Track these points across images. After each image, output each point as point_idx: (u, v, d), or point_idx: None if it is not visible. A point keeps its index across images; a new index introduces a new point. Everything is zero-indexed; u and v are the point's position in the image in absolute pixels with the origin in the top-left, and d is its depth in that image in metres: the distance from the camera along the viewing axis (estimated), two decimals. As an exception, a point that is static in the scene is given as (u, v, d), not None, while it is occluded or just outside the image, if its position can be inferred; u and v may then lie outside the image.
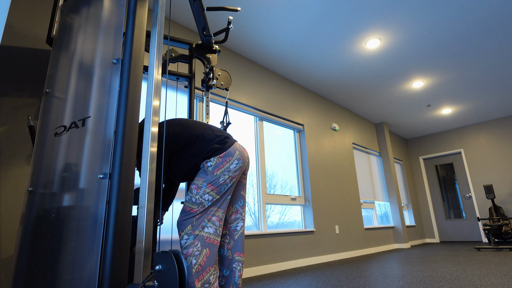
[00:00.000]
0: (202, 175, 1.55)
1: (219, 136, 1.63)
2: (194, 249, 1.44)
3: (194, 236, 1.46)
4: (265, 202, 3.62)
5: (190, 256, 1.42)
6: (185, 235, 1.47)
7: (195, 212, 1.50)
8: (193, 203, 1.50)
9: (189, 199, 1.52)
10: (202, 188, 1.52)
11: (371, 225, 5.63)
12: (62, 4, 1.76)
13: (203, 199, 1.51)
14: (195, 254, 1.43)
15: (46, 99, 1.54)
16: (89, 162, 1.22)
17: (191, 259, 1.42)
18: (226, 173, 1.56)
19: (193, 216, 1.50)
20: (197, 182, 1.54)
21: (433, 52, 3.99)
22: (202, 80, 2.37)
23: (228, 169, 1.57)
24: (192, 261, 1.41)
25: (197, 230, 1.47)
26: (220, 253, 1.64)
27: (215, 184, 1.54)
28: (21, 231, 1.33)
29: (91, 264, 1.06)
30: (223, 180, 1.55)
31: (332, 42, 3.66)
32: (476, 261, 3.40)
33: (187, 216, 1.50)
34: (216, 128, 1.69)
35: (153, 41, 1.32)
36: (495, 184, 6.40)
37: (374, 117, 6.26)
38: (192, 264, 1.41)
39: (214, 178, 1.54)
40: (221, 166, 1.56)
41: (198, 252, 1.43)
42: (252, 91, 3.84)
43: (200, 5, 1.96)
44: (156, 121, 1.25)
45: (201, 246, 1.45)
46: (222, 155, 1.56)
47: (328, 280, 2.56)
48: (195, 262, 1.42)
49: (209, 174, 1.54)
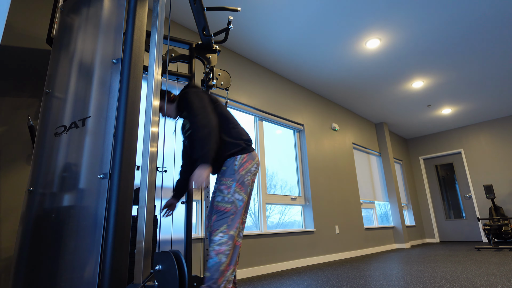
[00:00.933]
0: (229, 175, 1.66)
1: (248, 136, 1.80)
2: (227, 248, 1.52)
3: (228, 236, 1.55)
4: (265, 202, 3.62)
5: (222, 254, 1.51)
6: (220, 233, 1.56)
7: (229, 211, 1.60)
8: (226, 202, 1.61)
9: (222, 199, 1.62)
10: (232, 187, 1.63)
11: (371, 225, 5.63)
12: (62, 4, 1.76)
13: (235, 198, 1.62)
14: (226, 253, 1.52)
15: (46, 99, 1.54)
16: (89, 162, 1.22)
17: (222, 257, 1.50)
18: (249, 174, 1.70)
19: (228, 216, 1.59)
20: (226, 182, 1.65)
21: (433, 52, 3.99)
22: (202, 80, 2.37)
23: (249, 170, 1.71)
24: (222, 259, 1.50)
25: (231, 231, 1.57)
26: None
27: (242, 184, 1.65)
28: (21, 231, 1.33)
29: (91, 264, 1.06)
30: (247, 180, 1.68)
31: (332, 42, 3.66)
32: (476, 261, 3.40)
33: (223, 216, 1.59)
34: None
35: (153, 41, 1.32)
36: (495, 184, 6.40)
37: (374, 117, 6.26)
38: (222, 261, 1.50)
39: (240, 177, 1.66)
40: (244, 166, 1.69)
41: (229, 252, 1.52)
42: (252, 91, 3.84)
43: (200, 5, 1.96)
44: (156, 121, 1.25)
45: (231, 246, 1.55)
46: (246, 156, 1.71)
47: (328, 280, 2.56)
48: (225, 261, 1.50)
49: (235, 173, 1.65)
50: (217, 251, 1.51)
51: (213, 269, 1.49)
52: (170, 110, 1.85)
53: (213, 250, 1.52)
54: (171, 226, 2.49)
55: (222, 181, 1.66)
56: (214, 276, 1.49)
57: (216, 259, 1.50)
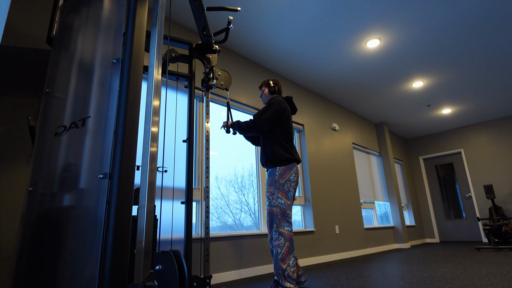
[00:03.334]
0: (272, 184, 2.19)
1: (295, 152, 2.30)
2: (279, 242, 2.05)
3: (278, 232, 2.07)
4: (265, 202, 3.62)
5: (277, 247, 2.05)
6: (273, 231, 2.10)
7: (276, 213, 2.11)
8: (273, 206, 2.14)
9: (269, 204, 2.17)
10: (275, 194, 2.16)
11: (371, 225, 5.63)
12: (62, 4, 1.76)
13: (278, 202, 2.13)
14: (280, 245, 2.04)
15: (46, 99, 1.54)
16: (89, 162, 1.22)
17: (278, 249, 2.04)
18: (288, 182, 2.18)
19: (276, 217, 2.10)
20: (270, 190, 2.19)
21: (433, 52, 3.99)
22: (202, 80, 2.37)
23: (288, 179, 2.19)
24: (278, 250, 2.03)
25: (280, 228, 2.08)
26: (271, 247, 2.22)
27: (283, 191, 2.16)
28: (21, 231, 1.33)
29: (91, 264, 1.06)
30: (287, 187, 2.17)
31: (332, 42, 3.66)
32: (476, 261, 3.40)
33: (272, 217, 2.12)
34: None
35: (153, 41, 1.32)
36: (495, 184, 6.40)
37: (374, 117, 6.26)
38: (278, 252, 2.03)
39: (281, 186, 2.16)
40: (284, 176, 2.18)
41: (282, 244, 2.04)
42: (252, 91, 3.84)
43: (200, 5, 1.96)
44: (156, 121, 1.25)
45: (284, 240, 2.06)
46: (284, 168, 2.20)
47: (328, 280, 2.56)
48: (280, 252, 2.03)
49: (276, 183, 2.17)
50: (274, 245, 2.05)
51: (276, 259, 2.04)
52: (265, 96, 2.54)
53: (272, 245, 2.08)
54: (171, 226, 2.49)
55: (268, 189, 2.20)
56: (278, 264, 2.01)
57: (274, 252, 2.05)
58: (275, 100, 2.35)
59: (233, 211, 3.26)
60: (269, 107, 2.29)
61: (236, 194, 3.35)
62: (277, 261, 2.01)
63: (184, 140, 2.08)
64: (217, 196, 3.16)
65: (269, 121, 2.25)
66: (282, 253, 2.01)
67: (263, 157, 2.33)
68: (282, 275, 2.01)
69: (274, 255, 2.06)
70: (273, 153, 2.23)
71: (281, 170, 2.18)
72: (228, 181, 3.31)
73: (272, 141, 2.28)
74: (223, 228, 3.11)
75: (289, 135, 2.33)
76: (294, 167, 2.23)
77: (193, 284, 1.84)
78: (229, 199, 3.26)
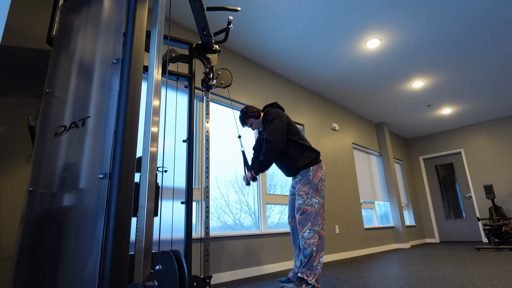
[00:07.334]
0: (306, 183, 2.19)
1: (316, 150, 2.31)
2: (314, 240, 2.06)
3: (313, 231, 2.09)
4: (265, 202, 3.62)
5: (312, 245, 2.06)
6: (307, 230, 2.09)
7: (310, 211, 2.12)
8: (307, 205, 2.14)
9: (303, 203, 2.16)
10: (309, 193, 2.16)
11: (371, 225, 5.62)
12: (62, 4, 1.76)
13: (312, 201, 2.15)
14: (315, 243, 2.06)
15: (46, 99, 1.54)
16: (89, 162, 1.22)
17: (313, 247, 2.05)
18: (320, 181, 2.21)
19: (311, 216, 2.11)
20: (304, 189, 2.18)
21: (433, 52, 3.99)
22: (202, 80, 2.36)
23: (321, 178, 2.22)
24: (313, 248, 2.05)
25: (315, 227, 2.09)
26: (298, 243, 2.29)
27: (316, 189, 2.18)
28: (21, 231, 1.33)
29: (91, 264, 1.06)
30: (320, 187, 2.20)
31: (332, 42, 3.66)
32: (476, 261, 3.40)
33: (306, 216, 2.12)
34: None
35: (153, 41, 1.32)
36: (495, 184, 6.40)
37: (374, 117, 6.26)
38: (313, 250, 2.04)
39: (315, 185, 2.18)
40: (317, 176, 2.21)
41: (317, 242, 2.06)
42: (252, 91, 3.84)
43: (200, 5, 1.96)
44: (156, 121, 1.25)
45: (318, 238, 2.07)
46: (316, 167, 2.23)
47: (328, 280, 2.56)
48: (315, 249, 2.05)
49: (310, 182, 2.18)
50: (308, 243, 2.06)
51: (308, 256, 2.04)
52: (257, 124, 2.44)
53: (306, 243, 2.07)
54: (171, 226, 2.49)
55: (301, 189, 2.19)
56: (310, 261, 2.03)
57: (309, 249, 2.05)
58: (269, 113, 2.30)
59: (233, 211, 3.26)
60: (272, 122, 2.24)
61: (236, 194, 3.35)
62: (310, 258, 2.03)
63: (184, 140, 2.08)
64: (217, 196, 3.16)
65: (283, 133, 2.22)
66: (316, 250, 2.05)
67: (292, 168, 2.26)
68: (311, 272, 2.02)
69: (305, 253, 2.05)
70: (303, 157, 2.23)
71: (314, 169, 2.21)
72: (228, 181, 3.31)
73: (294, 148, 2.26)
74: (223, 228, 3.11)
75: (300, 133, 2.34)
76: (323, 166, 2.30)
77: (193, 284, 1.84)
78: (229, 199, 3.26)
